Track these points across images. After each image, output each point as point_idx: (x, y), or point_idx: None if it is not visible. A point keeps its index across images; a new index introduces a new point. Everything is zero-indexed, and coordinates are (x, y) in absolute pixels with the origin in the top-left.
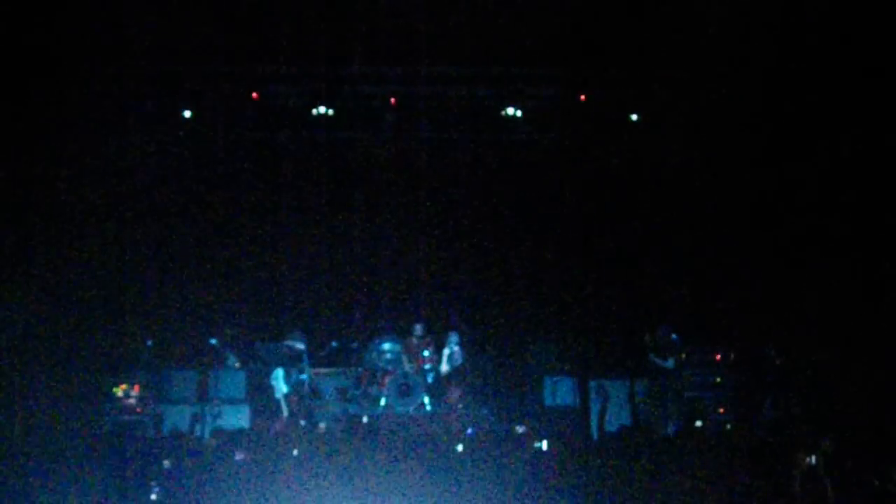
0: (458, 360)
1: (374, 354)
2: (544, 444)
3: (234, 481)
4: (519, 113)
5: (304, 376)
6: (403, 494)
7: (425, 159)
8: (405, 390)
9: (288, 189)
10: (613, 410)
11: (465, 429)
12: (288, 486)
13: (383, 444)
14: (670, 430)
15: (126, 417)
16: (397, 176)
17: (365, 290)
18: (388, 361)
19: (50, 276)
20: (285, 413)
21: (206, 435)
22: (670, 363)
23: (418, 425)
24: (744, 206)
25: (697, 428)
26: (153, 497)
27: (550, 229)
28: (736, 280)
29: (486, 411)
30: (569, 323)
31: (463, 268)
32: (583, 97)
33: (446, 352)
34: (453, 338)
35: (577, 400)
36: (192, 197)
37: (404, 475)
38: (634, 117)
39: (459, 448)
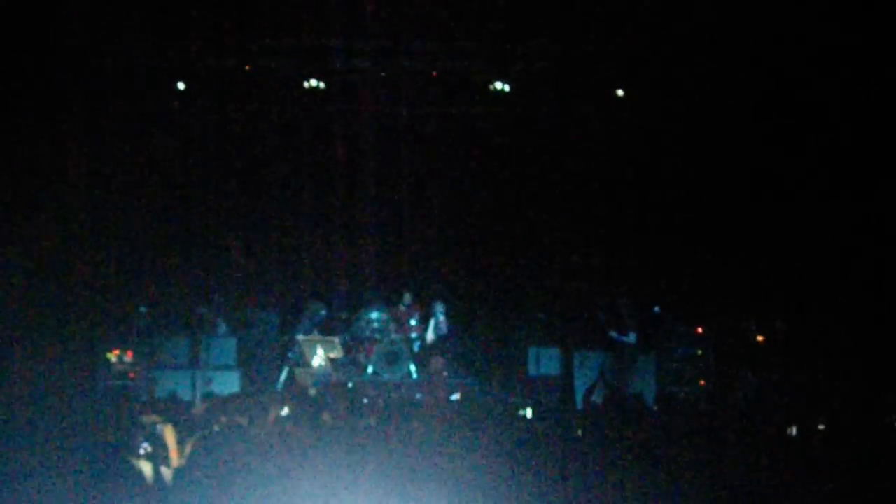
0: (444, 329)
1: (362, 323)
2: (528, 412)
3: (220, 444)
4: (507, 87)
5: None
6: (387, 458)
7: (414, 133)
8: (392, 359)
9: (278, 161)
10: (600, 383)
11: (451, 395)
12: (273, 452)
13: (368, 410)
14: (648, 401)
15: (119, 382)
16: (387, 149)
17: (354, 260)
18: (376, 330)
19: (44, 243)
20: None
21: (197, 400)
22: (631, 338)
23: (404, 392)
24: (728, 181)
25: (678, 399)
26: (141, 453)
27: (537, 202)
28: (717, 254)
29: (470, 380)
30: (553, 294)
31: (450, 239)
32: (571, 72)
33: (432, 321)
34: (439, 307)
35: (562, 370)
36: (185, 167)
37: (389, 438)
38: (620, 93)
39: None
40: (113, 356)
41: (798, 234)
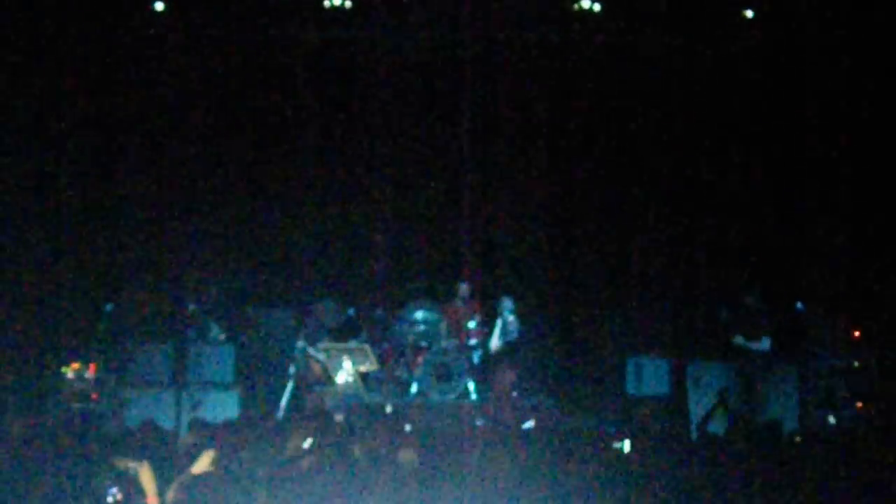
0: (514, 333)
1: (405, 326)
2: (626, 445)
3: (213, 487)
4: (597, 7)
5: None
6: None
7: (469, 66)
8: (444, 373)
9: (289, 104)
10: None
11: (523, 422)
12: (286, 497)
13: (412, 442)
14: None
15: (78, 405)
16: (432, 88)
17: (392, 240)
18: (422, 335)
19: None
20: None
21: (183, 428)
22: (764, 345)
23: (460, 418)
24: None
25: (829, 426)
26: (110, 501)
27: (637, 159)
28: (882, 231)
29: (549, 401)
30: (661, 288)
31: (520, 212)
32: None
33: (498, 323)
34: (507, 304)
35: (671, 389)
36: (167, 115)
37: (440, 480)
38: (750, 14)
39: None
40: (70, 371)
41: None
